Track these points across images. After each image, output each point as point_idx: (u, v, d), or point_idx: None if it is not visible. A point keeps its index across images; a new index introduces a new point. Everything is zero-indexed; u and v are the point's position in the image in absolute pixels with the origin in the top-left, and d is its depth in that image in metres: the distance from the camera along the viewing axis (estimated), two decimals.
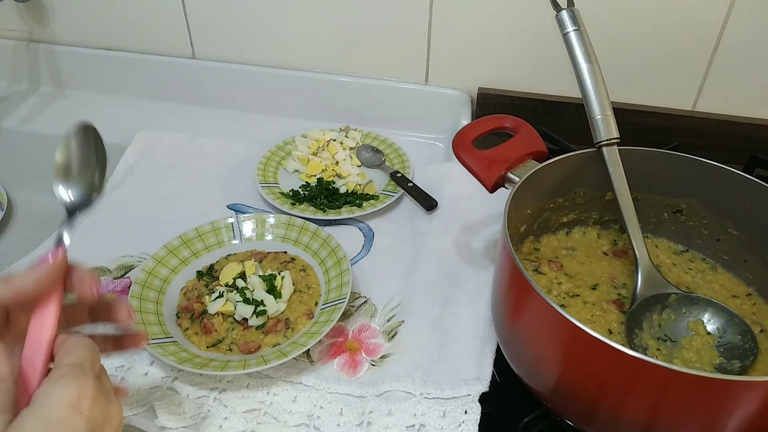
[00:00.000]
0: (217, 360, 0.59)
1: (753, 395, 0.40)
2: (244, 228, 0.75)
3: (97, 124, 0.52)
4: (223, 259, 0.72)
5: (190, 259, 0.71)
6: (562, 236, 0.66)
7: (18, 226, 0.90)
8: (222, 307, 0.64)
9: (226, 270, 0.69)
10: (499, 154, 0.60)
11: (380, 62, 0.94)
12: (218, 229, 0.74)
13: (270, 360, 0.57)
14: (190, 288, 0.68)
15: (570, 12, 0.57)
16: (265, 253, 0.73)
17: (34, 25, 1.03)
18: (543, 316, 0.46)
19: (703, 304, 0.56)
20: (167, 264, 0.69)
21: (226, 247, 0.73)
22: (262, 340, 0.62)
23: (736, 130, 0.85)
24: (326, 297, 0.66)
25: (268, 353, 0.60)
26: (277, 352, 0.59)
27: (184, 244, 0.71)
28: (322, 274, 0.69)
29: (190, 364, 0.57)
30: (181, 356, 0.58)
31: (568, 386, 0.48)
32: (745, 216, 0.59)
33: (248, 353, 0.61)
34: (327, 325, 0.61)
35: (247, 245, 0.74)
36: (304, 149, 0.89)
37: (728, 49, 0.82)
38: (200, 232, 0.73)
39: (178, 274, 0.69)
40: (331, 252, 0.70)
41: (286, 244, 0.74)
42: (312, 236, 0.73)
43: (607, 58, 0.67)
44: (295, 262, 0.71)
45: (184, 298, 0.67)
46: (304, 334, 0.61)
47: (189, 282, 0.69)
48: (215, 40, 0.98)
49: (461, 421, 0.54)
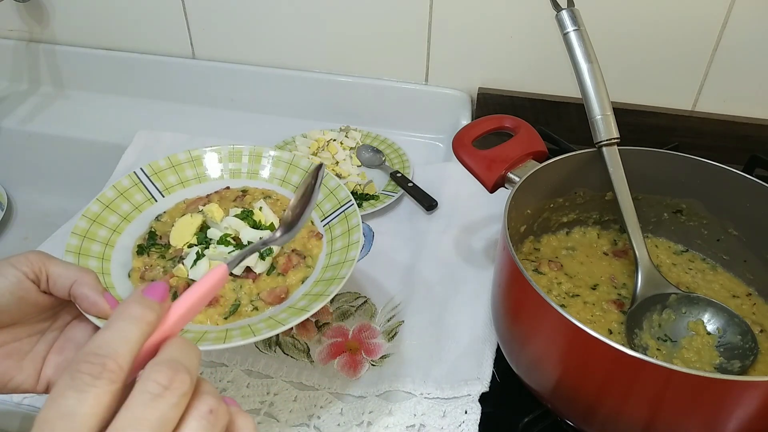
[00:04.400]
0: (256, 321, 0.50)
1: (753, 395, 0.40)
2: (161, 179, 0.63)
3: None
4: (156, 222, 0.61)
5: (114, 238, 0.58)
6: (562, 236, 0.66)
7: (18, 226, 0.90)
8: (211, 268, 0.55)
9: (175, 230, 0.58)
10: (499, 154, 0.60)
11: (380, 62, 0.94)
12: (126, 191, 0.61)
13: (328, 291, 0.49)
14: (143, 268, 0.56)
15: (570, 12, 0.57)
16: (205, 196, 0.63)
17: (34, 25, 1.03)
18: (543, 316, 0.46)
19: (703, 304, 0.56)
20: (89, 253, 0.55)
21: (149, 209, 0.62)
22: (284, 282, 0.55)
23: (736, 130, 0.85)
24: (321, 210, 0.59)
25: (301, 293, 0.52)
26: (323, 282, 0.51)
27: (95, 223, 0.57)
28: (291, 193, 0.61)
29: (240, 338, 0.46)
30: (208, 337, 0.48)
31: (568, 386, 0.48)
32: (745, 216, 0.59)
33: (279, 302, 0.53)
34: (355, 231, 0.53)
35: (174, 197, 0.62)
36: (304, 149, 0.89)
37: (728, 49, 0.82)
38: (105, 202, 0.59)
39: (110, 261, 0.55)
40: (290, 165, 0.62)
41: (224, 180, 0.63)
42: (252, 158, 0.64)
43: (607, 58, 0.67)
44: (250, 193, 0.62)
45: (145, 282, 0.54)
46: (334, 253, 0.53)
47: (136, 262, 0.57)
48: (215, 40, 0.98)
49: (461, 421, 0.54)
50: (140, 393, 0.28)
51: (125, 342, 0.30)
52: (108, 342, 0.29)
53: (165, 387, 0.29)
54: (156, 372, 0.29)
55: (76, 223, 0.56)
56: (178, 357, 0.30)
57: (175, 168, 0.64)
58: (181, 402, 0.29)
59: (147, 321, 0.31)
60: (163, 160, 0.64)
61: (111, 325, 0.30)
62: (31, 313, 0.45)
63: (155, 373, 0.29)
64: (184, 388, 0.29)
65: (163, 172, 0.64)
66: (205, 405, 0.30)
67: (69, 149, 0.96)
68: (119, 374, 0.29)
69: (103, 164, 0.89)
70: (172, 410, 0.29)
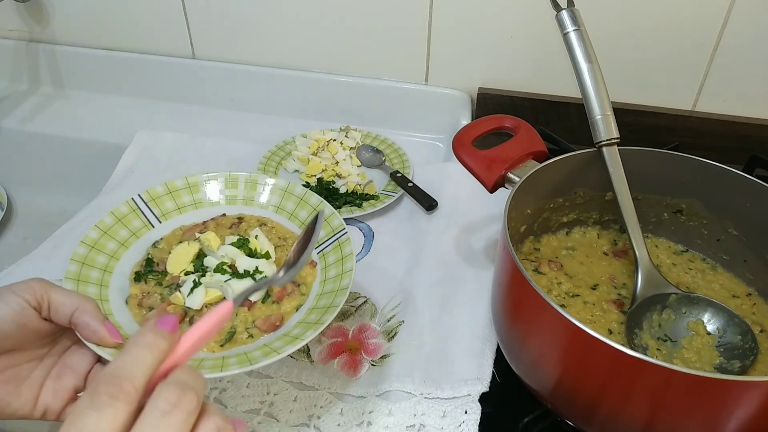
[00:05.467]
0: (251, 349, 0.50)
1: (753, 395, 0.40)
2: (159, 205, 0.63)
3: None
4: (153, 248, 0.61)
5: (112, 264, 0.58)
6: (562, 236, 0.66)
7: (18, 226, 0.90)
8: (207, 297, 0.55)
9: (173, 257, 0.58)
10: (499, 154, 0.60)
11: (380, 62, 0.94)
12: (124, 217, 0.62)
13: (323, 319, 0.50)
14: (140, 295, 0.56)
15: (570, 12, 0.57)
16: (201, 223, 0.64)
17: (34, 25, 1.03)
18: (543, 316, 0.46)
19: (703, 304, 0.56)
20: (88, 280, 0.55)
21: (146, 235, 0.62)
22: (279, 309, 0.55)
23: (736, 130, 0.85)
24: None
25: (296, 321, 0.53)
26: (317, 310, 0.51)
27: (94, 249, 0.58)
28: (286, 220, 0.62)
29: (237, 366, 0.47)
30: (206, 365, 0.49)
31: (568, 386, 0.48)
32: (745, 216, 0.59)
33: (274, 329, 0.53)
34: (348, 259, 0.54)
35: (171, 223, 0.63)
36: (304, 149, 0.89)
37: (728, 49, 0.82)
38: (104, 228, 0.60)
39: (108, 288, 0.56)
40: (285, 193, 0.62)
41: (222, 207, 0.64)
42: (247, 185, 0.65)
43: (607, 58, 0.67)
44: (246, 220, 0.63)
45: (143, 310, 0.56)
46: (327, 280, 0.54)
47: (133, 289, 0.57)
48: (215, 40, 0.98)
49: (461, 421, 0.54)
50: (151, 410, 0.30)
51: (140, 366, 0.32)
52: (125, 366, 0.32)
53: (174, 405, 0.31)
54: (166, 391, 0.31)
55: (75, 249, 0.57)
56: (185, 379, 0.32)
57: (172, 194, 0.65)
58: (188, 420, 0.31)
59: (160, 349, 0.33)
60: (161, 186, 0.65)
61: (128, 351, 0.33)
62: (31, 339, 0.46)
63: (165, 392, 0.31)
64: (191, 406, 0.31)
65: (160, 198, 0.65)
66: (212, 423, 0.32)
67: (69, 149, 0.96)
68: (134, 396, 0.31)
69: (103, 164, 0.89)
70: (181, 426, 0.31)
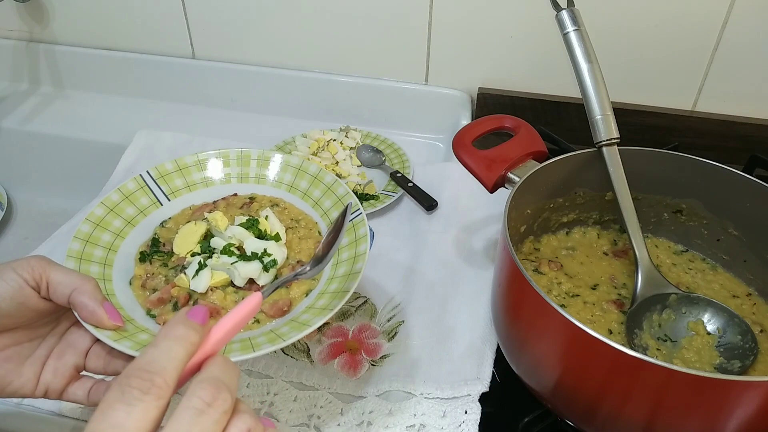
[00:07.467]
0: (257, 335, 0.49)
1: (753, 395, 0.40)
2: (167, 182, 0.61)
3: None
4: (160, 228, 0.59)
5: (117, 242, 0.56)
6: (562, 236, 0.66)
7: (18, 226, 0.90)
8: (213, 279, 0.53)
9: (179, 237, 0.56)
10: (499, 154, 0.60)
11: (380, 62, 0.94)
12: (131, 194, 0.59)
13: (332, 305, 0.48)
14: (145, 276, 0.55)
15: (570, 12, 0.57)
16: (211, 202, 0.61)
17: (34, 25, 1.03)
18: (543, 316, 0.46)
19: (703, 304, 0.56)
20: (91, 258, 0.53)
21: (154, 213, 0.60)
22: (288, 294, 0.53)
23: (736, 130, 0.85)
24: (328, 218, 0.57)
25: (305, 306, 0.51)
26: (327, 295, 0.50)
27: (99, 227, 0.56)
28: (300, 200, 0.60)
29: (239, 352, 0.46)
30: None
31: (568, 386, 0.48)
32: (745, 216, 0.59)
33: (282, 315, 0.51)
34: (362, 241, 0.51)
35: (180, 202, 0.61)
36: (304, 149, 0.89)
37: (728, 49, 0.82)
38: (110, 205, 0.57)
39: (112, 267, 0.54)
40: (299, 171, 0.60)
41: (231, 185, 0.61)
42: (260, 162, 0.62)
43: (607, 58, 0.67)
44: (258, 200, 0.60)
45: (146, 291, 0.54)
46: (340, 263, 0.51)
47: (138, 270, 0.55)
48: (215, 40, 0.98)
49: (461, 421, 0.54)
50: (186, 408, 0.30)
51: (172, 360, 0.32)
52: (156, 359, 0.31)
53: (208, 404, 0.30)
54: (201, 389, 0.31)
55: (78, 227, 0.55)
56: (219, 376, 0.32)
57: (182, 171, 0.62)
58: (222, 419, 0.31)
59: (191, 341, 0.33)
60: (170, 162, 0.62)
61: (158, 344, 0.32)
62: (32, 317, 0.45)
63: (200, 390, 0.31)
64: (225, 405, 0.31)
65: (169, 175, 0.62)
66: (243, 423, 0.32)
67: (69, 149, 0.96)
68: (166, 390, 0.30)
69: (103, 164, 0.89)
70: (214, 426, 0.30)
